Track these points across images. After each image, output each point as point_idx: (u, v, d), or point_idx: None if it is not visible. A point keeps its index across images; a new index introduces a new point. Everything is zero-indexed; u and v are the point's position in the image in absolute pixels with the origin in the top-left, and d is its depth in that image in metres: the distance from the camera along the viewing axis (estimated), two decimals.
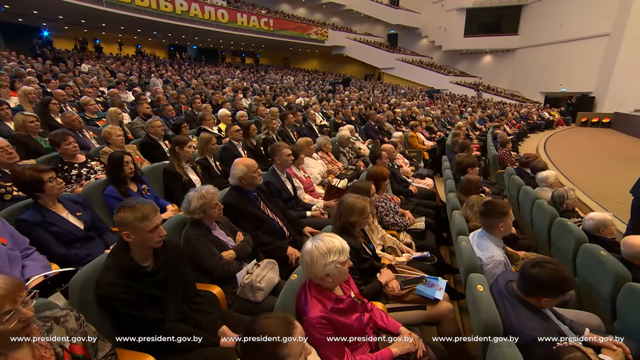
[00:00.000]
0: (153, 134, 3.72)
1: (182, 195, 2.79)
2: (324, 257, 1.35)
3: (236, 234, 2.11)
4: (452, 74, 26.28)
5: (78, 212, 2.09)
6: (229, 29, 19.99)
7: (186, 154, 2.92)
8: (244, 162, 2.32)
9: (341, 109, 9.94)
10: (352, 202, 1.90)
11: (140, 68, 13.40)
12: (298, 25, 24.71)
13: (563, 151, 9.63)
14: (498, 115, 13.94)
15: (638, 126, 13.15)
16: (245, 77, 15.76)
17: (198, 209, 1.81)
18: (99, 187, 2.46)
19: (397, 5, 29.37)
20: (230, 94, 9.47)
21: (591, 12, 18.62)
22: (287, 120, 5.26)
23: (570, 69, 19.92)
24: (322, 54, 30.68)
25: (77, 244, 2.00)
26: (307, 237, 2.58)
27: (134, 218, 1.35)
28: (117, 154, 2.45)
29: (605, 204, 5.04)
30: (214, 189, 1.89)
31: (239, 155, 3.93)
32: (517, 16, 23.53)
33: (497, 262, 1.96)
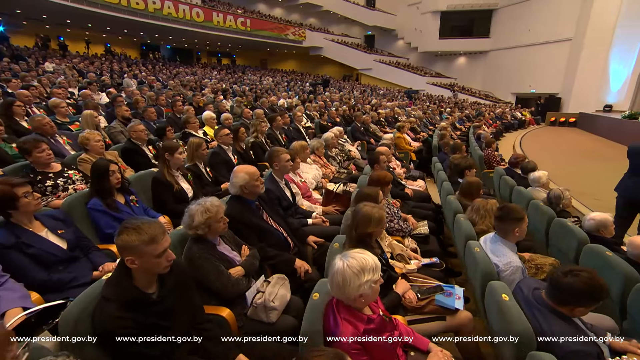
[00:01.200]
0: (136, 139, 3.45)
1: (173, 205, 2.63)
2: (358, 277, 1.23)
3: (241, 248, 1.94)
4: (429, 75, 26.94)
5: (60, 230, 1.85)
6: (205, 29, 19.44)
7: (177, 161, 2.71)
8: (246, 169, 2.16)
9: (325, 110, 9.88)
10: (368, 212, 1.79)
11: (112, 68, 12.70)
12: (275, 26, 24.45)
13: (538, 150, 10.04)
14: (475, 116, 14.37)
15: (601, 126, 14.00)
16: (223, 78, 15.34)
17: (202, 224, 1.64)
18: (81, 199, 2.21)
19: (374, 6, 29.76)
20: (211, 95, 9.14)
21: (555, 17, 19.67)
22: (275, 123, 5.09)
23: (538, 71, 20.94)
24: (299, 55, 30.55)
25: (59, 267, 1.76)
26: (312, 247, 2.47)
27: (140, 241, 1.17)
28: (102, 163, 2.21)
29: (584, 201, 5.24)
30: (218, 202, 1.72)
31: (230, 161, 3.73)
32: (488, 20, 24.48)
33: (514, 268, 1.92)
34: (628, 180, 3.56)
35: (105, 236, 2.17)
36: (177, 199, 2.64)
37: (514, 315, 1.51)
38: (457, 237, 2.73)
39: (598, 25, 17.16)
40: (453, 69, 27.75)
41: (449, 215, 3.10)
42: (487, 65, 25.41)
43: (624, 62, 16.71)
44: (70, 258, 1.81)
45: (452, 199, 3.09)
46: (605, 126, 13.52)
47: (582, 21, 18.09)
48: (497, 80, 24.44)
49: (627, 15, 16.24)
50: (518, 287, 1.74)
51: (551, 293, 1.48)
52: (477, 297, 2.10)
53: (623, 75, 16.79)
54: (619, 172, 7.59)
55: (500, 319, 1.63)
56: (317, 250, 2.46)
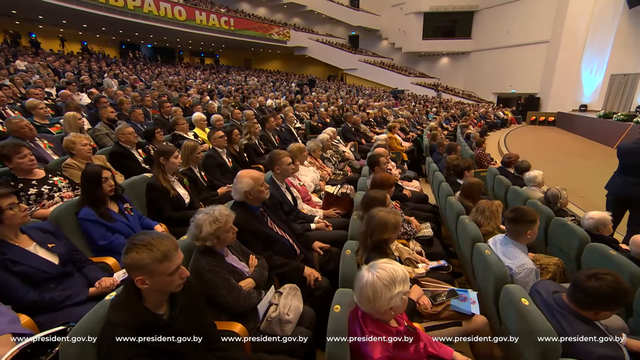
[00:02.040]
0: (124, 143, 3.27)
1: (170, 213, 2.49)
2: (389, 289, 1.17)
3: (249, 258, 1.84)
4: (413, 75, 27.29)
5: (50, 244, 1.69)
6: (187, 28, 18.96)
7: (173, 166, 2.57)
8: (250, 174, 2.06)
9: (314, 111, 9.79)
10: (384, 217, 1.73)
11: (90, 67, 12.17)
12: (260, 25, 24.15)
13: (521, 149, 10.29)
14: (460, 115, 14.64)
15: (578, 125, 14.56)
16: (208, 78, 15.01)
17: (211, 235, 1.53)
18: (71, 209, 2.05)
19: (358, 7, 29.90)
20: (197, 96, 8.89)
21: (532, 20, 20.33)
22: (268, 125, 4.97)
23: (518, 71, 21.58)
24: (284, 55, 30.34)
25: (51, 285, 1.61)
26: (318, 253, 2.39)
27: (151, 259, 1.06)
28: (93, 169, 2.06)
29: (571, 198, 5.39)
30: (227, 210, 1.61)
31: (224, 163, 3.61)
32: (469, 21, 25.03)
33: (528, 270, 1.90)
34: (618, 178, 3.65)
35: (99, 248, 2.02)
36: (174, 205, 2.51)
37: (537, 320, 1.48)
38: (462, 239, 2.71)
39: (572, 29, 17.84)
40: (436, 69, 28.23)
41: (451, 217, 3.08)
42: (469, 65, 25.98)
43: (597, 64, 17.43)
44: (63, 274, 1.66)
45: (453, 200, 3.07)
46: (582, 125, 14.06)
47: (557, 25, 18.76)
48: (479, 80, 25.03)
49: (598, 20, 16.94)
50: (535, 290, 1.72)
51: (575, 297, 1.45)
52: (489, 300, 2.07)
53: (596, 77, 17.51)
54: (599, 169, 7.88)
55: (521, 324, 1.60)
56: (324, 256, 2.38)
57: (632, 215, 3.64)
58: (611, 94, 16.67)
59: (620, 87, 16.40)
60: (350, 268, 1.77)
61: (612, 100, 16.47)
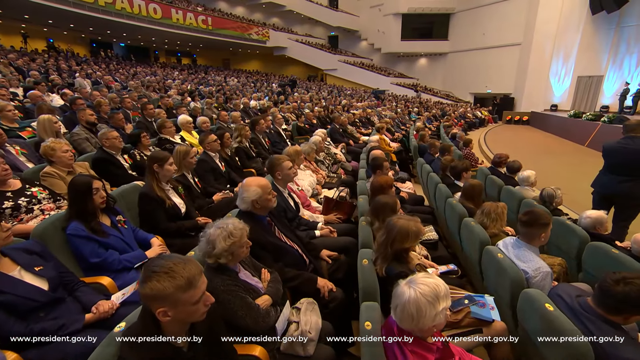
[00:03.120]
0: (109, 148, 3.03)
1: (166, 224, 2.31)
2: (434, 306, 1.09)
3: (261, 272, 1.72)
4: (392, 75, 27.70)
5: (37, 267, 1.50)
6: (163, 26, 18.30)
7: (167, 173, 2.39)
8: (257, 182, 1.93)
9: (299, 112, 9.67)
10: (405, 225, 1.66)
11: (58, 66, 11.43)
12: (238, 25, 23.72)
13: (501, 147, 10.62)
14: (441, 115, 14.96)
15: (550, 124, 15.25)
16: (186, 79, 14.53)
17: (226, 251, 1.40)
18: (57, 224, 1.84)
19: (337, 7, 29.99)
20: (177, 97, 8.56)
21: (505, 24, 21.14)
22: (258, 127, 4.82)
23: (493, 72, 22.37)
24: (263, 55, 29.99)
25: (40, 314, 1.43)
26: (326, 261, 2.30)
27: (175, 288, 0.93)
28: (83, 180, 1.86)
29: None
30: (241, 224, 1.49)
31: (217, 168, 3.44)
32: (446, 23, 25.72)
33: (544, 273, 1.89)
34: (603, 177, 3.78)
35: (90, 266, 1.83)
36: (170, 215, 2.33)
37: (565, 327, 1.45)
38: (468, 242, 2.69)
39: (542, 33, 18.68)
40: (415, 70, 28.79)
41: (453, 219, 3.06)
42: (447, 66, 26.68)
43: (566, 66, 18.35)
44: (53, 300, 1.48)
45: (454, 202, 3.06)
46: (554, 124, 14.73)
47: (528, 28, 19.59)
48: (456, 80, 25.76)
49: (564, 25, 17.83)
50: (555, 294, 1.71)
51: (603, 302, 1.44)
52: (504, 304, 2.05)
53: (565, 78, 18.43)
54: (574, 167, 8.19)
55: (547, 331, 1.57)
56: (332, 264, 2.29)
57: (617, 212, 3.78)
58: (578, 94, 17.60)
59: (586, 88, 17.35)
60: (371, 279, 1.68)
61: (580, 101, 17.39)
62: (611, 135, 9.88)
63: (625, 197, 3.63)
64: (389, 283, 1.69)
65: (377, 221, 2.23)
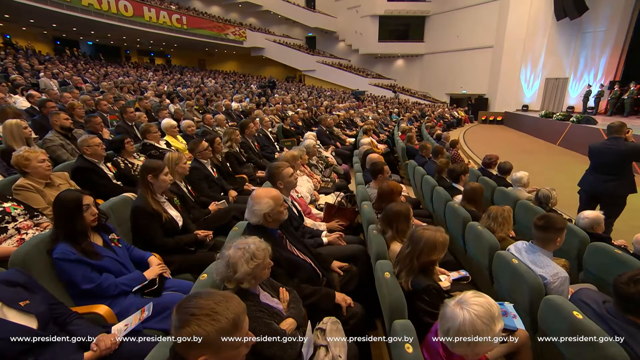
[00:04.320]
0: (91, 156, 2.77)
1: (163, 240, 2.12)
2: (491, 329, 1.02)
3: (278, 291, 1.59)
4: (370, 76, 28.01)
5: (22, 301, 1.29)
6: (135, 25, 17.48)
7: (163, 184, 2.19)
8: (269, 193, 1.79)
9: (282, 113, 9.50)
10: (432, 237, 1.58)
11: (18, 64, 10.59)
12: (214, 25, 23.12)
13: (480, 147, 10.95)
14: (420, 116, 15.25)
15: (523, 123, 15.94)
16: (162, 80, 13.94)
17: (249, 275, 1.26)
18: (41, 247, 1.62)
19: (314, 8, 29.95)
20: (155, 99, 8.15)
21: (478, 27, 21.91)
22: (248, 130, 4.63)
23: (467, 73, 23.13)
24: (240, 56, 29.47)
25: (29, 358, 1.22)
26: (338, 273, 2.19)
27: (219, 331, 0.79)
28: (71, 196, 1.65)
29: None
30: (264, 243, 1.35)
31: (210, 175, 3.25)
32: (421, 26, 26.34)
33: (563, 278, 1.87)
34: (590, 176, 3.91)
35: (82, 294, 1.62)
36: (167, 230, 2.14)
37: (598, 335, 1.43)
38: (475, 247, 2.67)
39: (512, 36, 19.50)
40: (392, 71, 29.26)
41: (455, 223, 3.03)
42: (423, 67, 27.31)
43: (535, 68, 19.27)
44: (44, 341, 1.27)
45: (457, 205, 3.04)
46: (526, 124, 15.40)
47: (500, 32, 20.40)
48: (432, 81, 26.43)
49: (532, 29, 18.73)
50: (578, 300, 1.69)
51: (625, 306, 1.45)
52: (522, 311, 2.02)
53: (534, 80, 19.35)
54: (549, 165, 8.51)
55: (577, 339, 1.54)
56: (344, 276, 2.18)
57: (603, 210, 3.92)
58: (547, 95, 18.55)
59: (553, 90, 18.32)
60: (397, 294, 1.59)
61: (548, 101, 18.32)
62: (580, 134, 10.44)
63: (610, 196, 3.77)
64: (416, 297, 1.61)
65: (389, 230, 2.15)
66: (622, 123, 3.75)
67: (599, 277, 2.49)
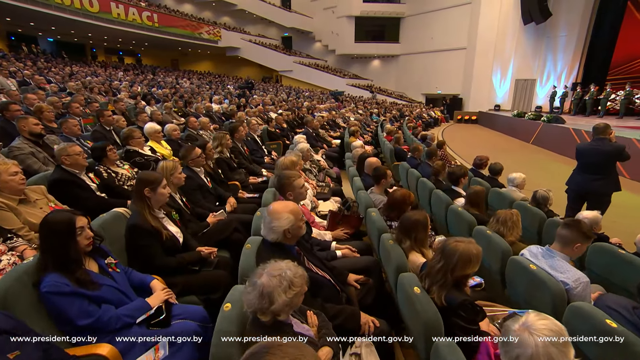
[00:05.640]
0: (71, 166, 2.48)
1: (163, 260, 1.91)
2: (566, 355, 0.94)
3: (306, 315, 1.45)
4: (347, 77, 28.17)
5: (11, 353, 1.07)
6: (102, 21, 16.47)
7: (161, 198, 1.98)
8: (288, 208, 1.65)
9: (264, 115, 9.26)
10: (467, 250, 1.50)
11: None
12: (188, 23, 22.32)
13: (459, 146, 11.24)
14: (399, 117, 15.46)
15: (497, 122, 16.58)
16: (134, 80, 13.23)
17: (287, 305, 1.12)
18: (25, 279, 1.38)
19: (289, 8, 29.71)
20: (129, 101, 7.68)
21: (451, 29, 22.59)
22: (237, 134, 4.42)
23: (442, 74, 23.78)
24: (215, 55, 28.71)
25: None
26: (355, 287, 2.08)
27: None
28: (61, 217, 1.42)
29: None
30: (300, 269, 1.21)
31: (204, 184, 3.03)
32: (397, 27, 26.82)
33: (585, 283, 1.86)
34: (577, 176, 4.04)
35: (79, 330, 1.40)
36: (168, 249, 1.93)
37: (636, 344, 1.41)
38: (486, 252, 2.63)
39: (484, 38, 20.27)
40: (368, 71, 29.57)
41: (460, 227, 3.01)
42: (399, 67, 27.80)
43: (505, 70, 20.13)
44: None
45: (460, 209, 3.01)
46: (500, 123, 16.02)
47: (472, 34, 21.14)
48: (408, 81, 26.96)
49: (502, 32, 19.55)
50: (605, 306, 1.68)
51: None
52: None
53: (505, 80, 20.21)
54: (525, 163, 8.79)
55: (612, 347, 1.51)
56: (361, 290, 2.07)
57: (590, 208, 4.05)
58: (517, 96, 19.43)
59: (523, 90, 19.22)
60: (432, 311, 1.50)
61: (518, 101, 19.19)
62: (551, 133, 10.96)
63: (597, 194, 3.91)
64: (451, 314, 1.53)
65: (407, 240, 2.07)
66: (606, 125, 3.90)
67: (603, 277, 2.53)
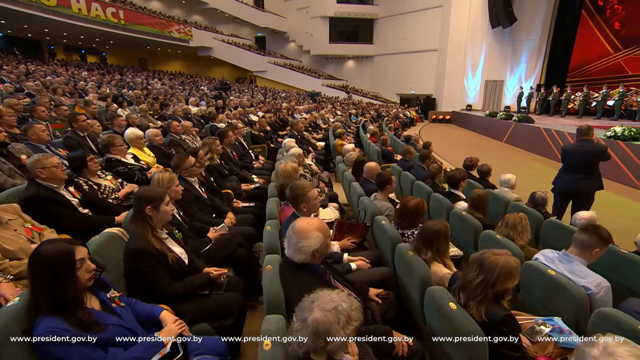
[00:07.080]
0: (47, 180, 2.18)
1: (171, 287, 1.71)
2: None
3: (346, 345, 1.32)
4: (323, 77, 28.17)
5: None
6: (60, 16, 15.27)
7: (164, 216, 1.76)
8: (316, 225, 1.51)
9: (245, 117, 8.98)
10: (507, 263, 1.44)
11: None
12: (157, 21, 21.33)
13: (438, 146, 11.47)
14: (377, 117, 15.62)
15: (470, 122, 17.20)
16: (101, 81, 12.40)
17: (345, 343, 0.99)
18: (13, 326, 1.15)
19: (263, 8, 29.24)
20: (99, 103, 7.14)
21: (423, 31, 23.18)
22: (227, 140, 4.19)
23: (415, 75, 24.35)
24: (186, 55, 27.72)
25: None
26: (376, 302, 1.98)
27: None
28: (57, 249, 1.19)
29: None
30: (355, 300, 1.09)
31: (200, 196, 2.81)
32: (370, 28, 27.14)
33: (607, 288, 1.87)
34: (564, 175, 4.19)
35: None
36: (174, 273, 1.72)
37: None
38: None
39: (455, 40, 20.97)
40: (343, 72, 29.74)
41: (464, 231, 2.99)
42: (373, 68, 28.16)
43: (475, 71, 20.96)
44: None
45: (464, 214, 2.99)
46: (473, 122, 16.62)
47: (443, 36, 21.80)
48: (382, 82, 27.38)
49: (472, 35, 20.35)
50: (633, 311, 1.68)
51: None
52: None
53: (476, 81, 21.04)
54: (502, 161, 9.11)
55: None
56: (382, 304, 1.97)
57: (575, 206, 4.21)
58: (487, 96, 20.28)
59: (492, 91, 20.10)
60: (474, 329, 1.42)
61: (488, 102, 20.04)
62: (523, 132, 11.48)
63: (583, 193, 4.08)
64: (494, 330, 1.45)
65: (429, 250, 1.99)
66: (589, 126, 4.08)
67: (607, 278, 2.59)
